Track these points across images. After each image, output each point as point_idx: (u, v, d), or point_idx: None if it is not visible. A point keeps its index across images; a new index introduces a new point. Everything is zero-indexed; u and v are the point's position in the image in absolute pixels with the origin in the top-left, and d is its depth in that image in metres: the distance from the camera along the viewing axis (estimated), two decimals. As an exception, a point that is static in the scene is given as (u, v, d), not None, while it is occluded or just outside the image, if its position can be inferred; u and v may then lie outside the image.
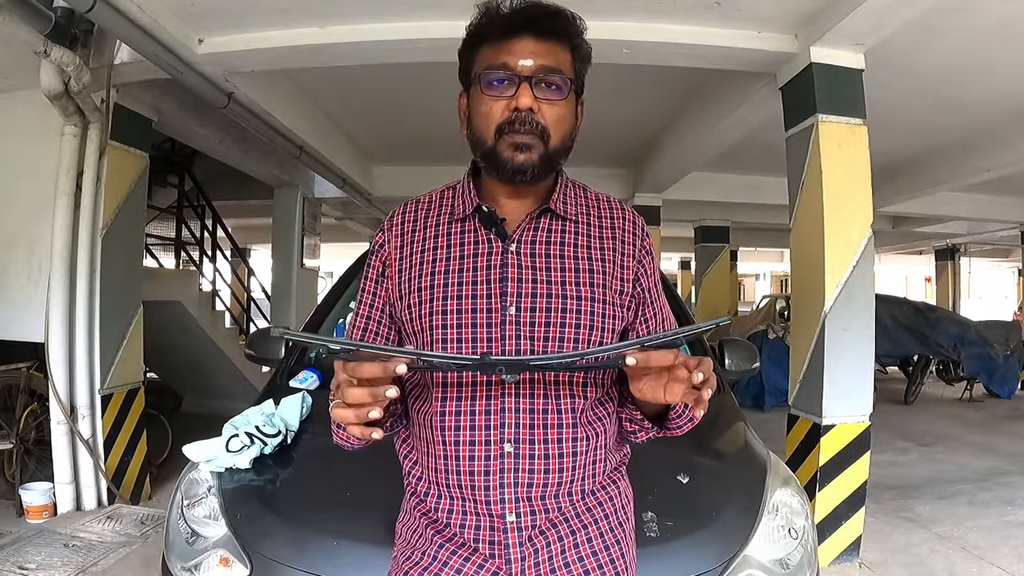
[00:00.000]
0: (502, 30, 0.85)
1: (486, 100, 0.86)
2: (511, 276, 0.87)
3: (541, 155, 0.86)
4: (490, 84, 0.85)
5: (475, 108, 0.88)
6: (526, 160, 0.85)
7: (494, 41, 0.86)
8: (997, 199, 7.41)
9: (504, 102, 0.85)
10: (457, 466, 0.87)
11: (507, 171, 0.86)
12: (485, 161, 0.88)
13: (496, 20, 0.86)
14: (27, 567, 2.59)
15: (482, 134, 0.87)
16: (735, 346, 2.43)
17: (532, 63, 0.84)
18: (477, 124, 0.88)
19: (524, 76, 0.84)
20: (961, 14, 2.82)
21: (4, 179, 3.38)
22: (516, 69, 0.84)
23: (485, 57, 0.87)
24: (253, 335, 2.52)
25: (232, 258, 8.46)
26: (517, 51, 0.84)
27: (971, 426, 5.96)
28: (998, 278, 17.97)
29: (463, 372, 0.85)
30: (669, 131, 5.09)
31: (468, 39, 0.90)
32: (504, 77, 0.84)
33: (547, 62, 0.85)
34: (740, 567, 1.39)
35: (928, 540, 3.15)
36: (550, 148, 0.86)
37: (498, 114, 0.85)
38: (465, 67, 0.91)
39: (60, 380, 3.13)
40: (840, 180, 2.86)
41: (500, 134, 0.85)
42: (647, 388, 0.77)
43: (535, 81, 0.84)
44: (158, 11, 2.70)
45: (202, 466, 1.63)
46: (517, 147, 0.85)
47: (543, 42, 0.85)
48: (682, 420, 0.90)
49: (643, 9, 2.78)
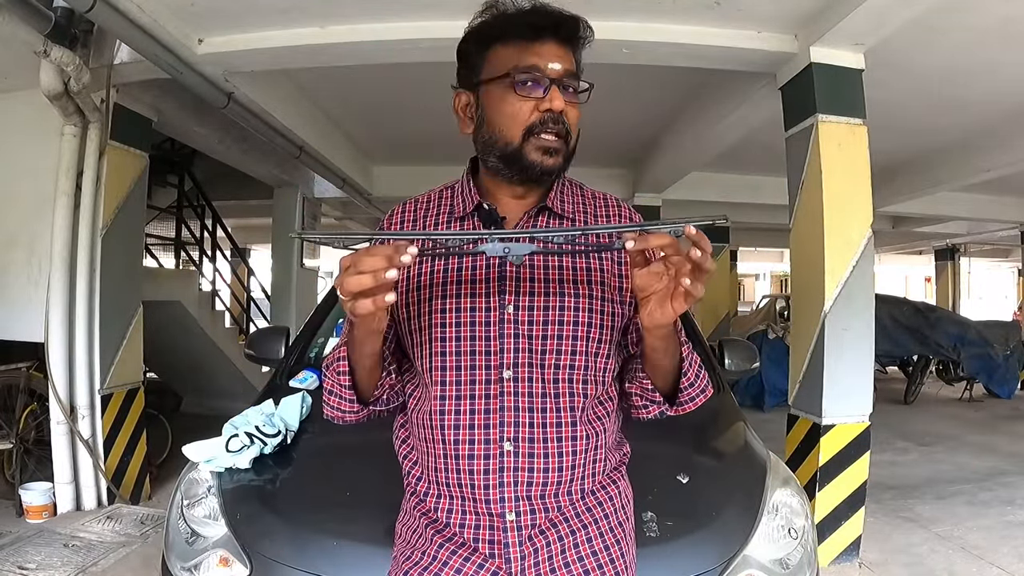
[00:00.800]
0: (528, 31, 0.85)
1: (514, 100, 0.85)
2: (509, 275, 0.87)
3: (564, 157, 0.88)
4: (522, 85, 0.85)
5: (497, 108, 0.87)
6: (554, 163, 0.87)
7: (517, 42, 0.86)
8: (997, 199, 7.41)
9: (533, 103, 0.85)
10: (457, 465, 0.87)
11: (535, 173, 0.87)
12: (506, 162, 0.88)
13: (514, 20, 0.86)
14: (27, 567, 2.59)
15: (505, 134, 0.86)
16: (735, 346, 2.44)
17: (560, 67, 0.86)
18: (499, 124, 0.87)
19: (553, 79, 0.85)
20: (961, 14, 2.82)
21: (4, 179, 3.38)
22: (546, 71, 0.85)
23: (507, 57, 0.86)
24: (253, 335, 2.52)
25: (232, 258, 8.45)
26: (544, 54, 0.85)
27: (971, 426, 5.96)
28: (998, 278, 17.96)
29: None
30: (669, 131, 5.09)
31: (476, 36, 0.89)
32: (535, 79, 0.85)
33: (569, 66, 0.87)
34: (740, 567, 1.39)
35: (928, 540, 3.15)
36: (571, 150, 0.89)
37: (527, 115, 0.85)
38: (472, 65, 0.90)
39: (60, 380, 3.13)
40: (840, 180, 2.86)
41: (528, 135, 0.85)
42: (656, 308, 0.76)
43: (563, 85, 0.86)
44: (158, 11, 2.70)
45: (202, 466, 1.63)
46: (546, 151, 0.86)
47: (564, 47, 0.87)
48: (694, 391, 0.90)
49: (643, 9, 2.78)
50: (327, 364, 0.90)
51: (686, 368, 0.89)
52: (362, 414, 0.91)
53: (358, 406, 0.89)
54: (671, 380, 0.90)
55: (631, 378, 0.94)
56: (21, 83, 3.17)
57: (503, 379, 0.86)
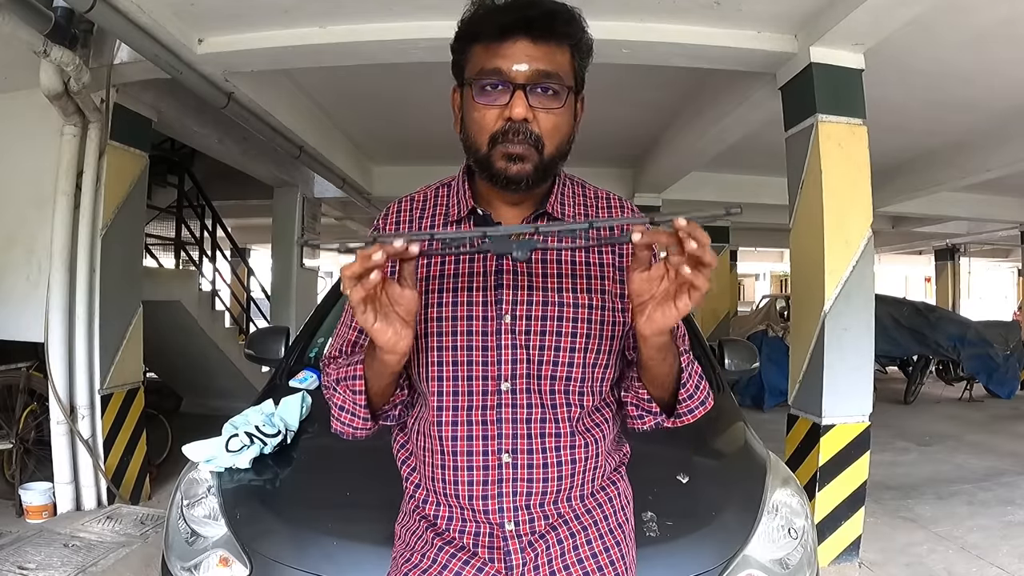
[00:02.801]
0: (495, 30, 0.79)
1: (479, 107, 0.80)
2: (506, 283, 0.85)
3: (536, 165, 0.81)
4: (483, 90, 0.80)
5: (467, 113, 0.82)
6: (519, 171, 0.80)
7: (487, 41, 0.80)
8: (997, 199, 7.41)
9: (497, 110, 0.79)
10: (455, 476, 0.86)
11: (500, 181, 0.82)
12: (478, 167, 0.84)
13: (489, 17, 0.80)
14: (27, 567, 2.58)
15: (474, 141, 0.82)
16: (735, 346, 2.44)
17: (527, 68, 0.78)
18: (469, 128, 0.83)
19: (518, 83, 0.78)
20: (961, 14, 2.82)
21: (4, 179, 3.38)
22: (510, 75, 0.78)
23: (477, 59, 0.81)
24: (253, 335, 2.52)
25: (232, 258, 8.46)
26: (511, 55, 0.78)
27: (971, 426, 5.96)
28: (998, 278, 17.95)
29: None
30: (669, 131, 5.09)
31: (460, 33, 0.84)
32: (497, 83, 0.79)
33: (543, 66, 0.79)
34: (740, 567, 1.39)
35: (928, 540, 3.15)
36: (545, 157, 0.81)
37: (491, 123, 0.80)
38: (458, 63, 0.86)
39: (60, 380, 3.13)
40: (840, 180, 2.86)
41: (493, 143, 0.80)
42: (656, 312, 0.71)
43: (530, 88, 0.79)
44: (158, 11, 2.70)
45: (202, 466, 1.63)
46: (510, 158, 0.80)
47: (540, 45, 0.79)
48: (693, 403, 0.86)
49: (643, 9, 2.77)
50: (337, 379, 0.86)
51: (685, 379, 0.85)
52: (373, 429, 0.89)
53: (371, 423, 0.87)
54: (669, 390, 0.86)
55: (627, 387, 0.91)
56: (21, 83, 3.17)
57: (500, 391, 0.84)
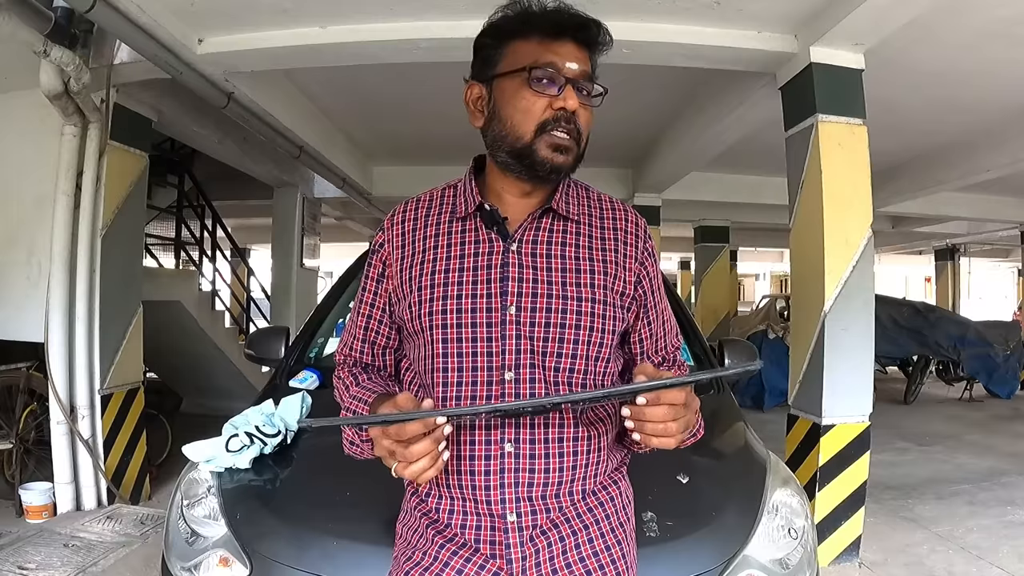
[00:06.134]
0: (549, 29, 0.86)
1: (529, 95, 0.85)
2: (512, 276, 0.87)
3: (575, 157, 0.88)
4: (538, 80, 0.85)
5: (511, 102, 0.86)
6: (564, 162, 0.87)
7: (538, 39, 0.86)
8: (997, 199, 7.42)
9: (547, 100, 0.85)
10: (458, 466, 0.87)
11: (544, 170, 0.87)
12: (515, 157, 0.87)
13: (536, 17, 0.86)
14: (27, 567, 2.58)
15: (517, 129, 0.86)
16: (735, 346, 2.43)
17: (577, 67, 0.86)
18: (511, 118, 0.86)
19: (568, 78, 0.85)
20: (961, 14, 2.82)
21: (4, 179, 3.38)
22: (563, 70, 0.85)
23: (525, 53, 0.86)
24: (253, 335, 2.52)
25: (232, 258, 8.46)
26: (563, 53, 0.86)
27: (971, 426, 5.96)
28: (998, 278, 17.95)
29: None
30: (669, 131, 5.09)
31: (495, 31, 0.89)
32: (551, 76, 0.85)
33: (586, 68, 0.87)
34: (740, 567, 1.39)
35: (928, 540, 3.15)
36: (581, 151, 0.88)
37: (540, 111, 0.85)
38: (487, 58, 0.90)
39: (60, 380, 3.13)
40: (840, 180, 2.86)
41: (540, 132, 0.85)
42: (650, 440, 0.78)
43: (577, 87, 0.86)
44: (158, 11, 2.70)
45: (202, 466, 1.63)
46: (557, 148, 0.85)
47: (582, 49, 0.87)
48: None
49: (643, 9, 2.78)
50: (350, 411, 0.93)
51: None
52: None
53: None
54: None
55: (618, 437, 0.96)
56: (21, 83, 3.17)
57: (504, 380, 0.86)
